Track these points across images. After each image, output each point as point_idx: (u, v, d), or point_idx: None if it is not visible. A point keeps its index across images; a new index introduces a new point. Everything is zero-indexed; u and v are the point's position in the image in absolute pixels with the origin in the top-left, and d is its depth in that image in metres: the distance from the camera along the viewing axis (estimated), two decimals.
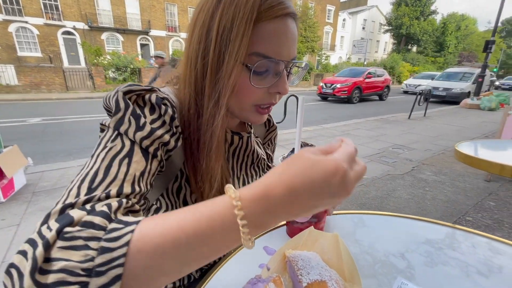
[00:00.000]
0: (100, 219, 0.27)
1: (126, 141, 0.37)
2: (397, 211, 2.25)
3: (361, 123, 6.02)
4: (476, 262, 0.45)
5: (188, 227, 0.27)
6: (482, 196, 2.54)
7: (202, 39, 0.43)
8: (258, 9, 0.40)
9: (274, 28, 0.41)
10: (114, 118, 0.38)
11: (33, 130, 5.03)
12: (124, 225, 0.27)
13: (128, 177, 0.35)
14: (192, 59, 0.45)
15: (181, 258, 0.27)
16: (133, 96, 0.40)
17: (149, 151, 0.39)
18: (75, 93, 11.39)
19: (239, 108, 0.47)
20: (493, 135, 5.05)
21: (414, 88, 15.20)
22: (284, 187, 0.27)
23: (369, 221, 0.60)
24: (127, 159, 0.36)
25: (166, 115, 0.41)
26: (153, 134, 0.39)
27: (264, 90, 0.46)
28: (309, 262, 0.40)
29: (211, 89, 0.43)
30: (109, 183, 0.33)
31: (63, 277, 0.23)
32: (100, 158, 0.35)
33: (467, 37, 40.19)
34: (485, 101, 8.73)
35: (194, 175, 0.47)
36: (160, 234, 0.26)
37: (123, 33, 20.42)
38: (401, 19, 33.32)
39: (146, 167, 0.38)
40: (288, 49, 0.44)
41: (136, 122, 0.38)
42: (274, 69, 0.44)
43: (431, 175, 3.05)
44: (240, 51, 0.40)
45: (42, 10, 17.55)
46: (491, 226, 2.07)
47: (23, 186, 2.43)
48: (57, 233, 0.25)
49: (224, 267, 0.46)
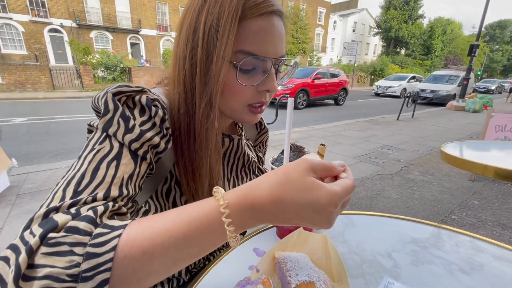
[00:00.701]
0: (85, 224, 0.26)
1: (115, 143, 0.36)
2: (386, 211, 2.29)
3: (351, 124, 6.11)
4: (459, 260, 0.47)
5: (176, 231, 0.27)
6: (466, 195, 2.62)
7: (190, 39, 0.43)
8: (243, 7, 0.40)
9: (259, 26, 0.41)
10: (103, 120, 0.37)
11: (18, 130, 4.87)
12: (110, 229, 0.27)
13: (116, 180, 0.34)
14: (181, 60, 0.44)
15: (170, 260, 0.28)
16: (122, 97, 0.39)
17: (138, 154, 0.38)
18: (62, 92, 11.09)
19: (230, 108, 0.47)
20: (477, 136, 5.22)
21: (385, 90, 14.82)
22: (272, 201, 0.28)
23: (358, 221, 0.61)
24: (115, 161, 0.35)
25: (156, 116, 0.41)
26: (143, 137, 0.38)
27: (253, 89, 0.45)
28: (298, 263, 0.40)
29: (202, 88, 0.43)
30: (96, 186, 0.32)
31: (48, 284, 0.23)
32: (88, 160, 0.34)
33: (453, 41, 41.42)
34: (470, 103, 9.01)
35: (186, 176, 0.46)
36: (148, 239, 0.27)
37: (112, 32, 20.06)
38: (390, 22, 34.04)
39: (135, 170, 0.37)
40: (275, 46, 0.44)
41: (125, 124, 0.37)
42: (262, 67, 0.44)
43: (418, 175, 3.12)
44: (226, 49, 0.40)
45: (28, 6, 17.04)
46: (475, 224, 2.13)
47: (6, 188, 2.34)
48: (41, 239, 0.25)
49: (214, 270, 0.46)
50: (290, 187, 0.29)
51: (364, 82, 24.81)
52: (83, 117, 6.22)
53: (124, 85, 0.40)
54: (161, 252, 0.27)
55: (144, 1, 20.80)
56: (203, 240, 0.28)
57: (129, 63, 13.23)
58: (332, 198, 0.28)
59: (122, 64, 12.75)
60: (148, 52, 21.79)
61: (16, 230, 1.35)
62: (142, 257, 0.26)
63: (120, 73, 12.77)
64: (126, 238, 0.26)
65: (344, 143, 4.44)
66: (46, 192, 2.33)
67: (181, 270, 0.54)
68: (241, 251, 0.51)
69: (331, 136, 4.94)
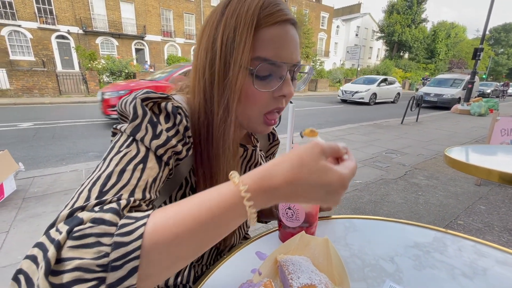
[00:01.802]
0: (110, 215, 0.27)
1: (141, 147, 0.37)
2: (391, 216, 2.27)
3: (354, 128, 6.09)
4: (461, 265, 0.47)
5: (202, 216, 0.29)
6: (473, 200, 2.59)
7: (209, 50, 0.45)
8: (258, 16, 0.42)
9: (274, 33, 0.43)
10: (131, 125, 0.38)
11: (25, 134, 4.94)
12: (135, 220, 0.28)
13: (141, 183, 0.35)
14: (200, 70, 0.46)
15: (196, 243, 0.29)
16: (149, 103, 0.40)
17: (163, 159, 0.39)
18: (68, 97, 11.26)
19: (248, 116, 0.48)
20: (483, 140, 5.16)
21: (351, 96, 12.44)
22: (287, 183, 0.31)
23: (360, 226, 0.61)
24: (142, 164, 0.36)
25: (181, 124, 0.42)
26: (168, 143, 0.39)
27: (269, 95, 0.46)
28: (299, 266, 0.40)
29: (220, 96, 0.45)
30: (121, 187, 0.33)
31: (79, 275, 0.23)
32: (114, 162, 0.35)
33: (457, 44, 41.28)
34: (475, 107, 8.93)
35: (204, 182, 0.48)
36: (175, 225, 0.28)
37: (118, 38, 20.39)
38: (393, 26, 34.09)
39: (159, 174, 0.38)
40: (290, 53, 0.45)
41: (153, 130, 0.38)
42: (278, 73, 0.46)
43: (423, 180, 3.09)
44: (243, 56, 0.42)
45: (36, 14, 17.44)
46: (482, 229, 2.10)
47: (13, 191, 2.38)
48: (67, 234, 0.25)
49: (216, 273, 0.46)
50: (305, 171, 0.31)
51: None
52: (88, 122, 6.30)
53: (151, 91, 0.41)
54: (187, 236, 0.28)
55: (149, 8, 21.15)
56: (226, 222, 0.30)
57: (134, 69, 13.40)
58: (343, 181, 0.31)
59: (127, 69, 12.92)
60: (152, 57, 22.07)
61: (22, 233, 1.36)
62: (170, 243, 0.27)
63: (125, 78, 12.94)
64: (152, 225, 0.27)
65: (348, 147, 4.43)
66: (51, 195, 2.36)
67: (190, 277, 0.55)
68: (243, 255, 0.52)
69: (334, 140, 4.91)
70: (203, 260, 0.57)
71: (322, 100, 14.35)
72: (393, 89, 13.91)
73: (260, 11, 0.42)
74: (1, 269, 1.49)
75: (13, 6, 16.66)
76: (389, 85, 13.66)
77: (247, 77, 0.44)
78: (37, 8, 17.40)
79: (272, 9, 0.43)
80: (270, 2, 0.43)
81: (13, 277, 0.24)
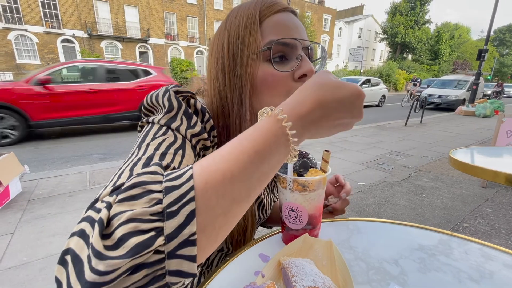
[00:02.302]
0: (155, 167, 0.26)
1: (178, 135, 0.37)
2: (395, 218, 2.25)
3: (358, 130, 6.06)
4: (468, 268, 0.46)
5: (249, 148, 0.28)
6: (478, 203, 2.56)
7: (219, 55, 0.47)
8: (260, 9, 0.45)
9: (278, 18, 0.45)
10: (167, 116, 0.38)
11: (30, 137, 5.00)
12: (179, 169, 0.26)
13: (182, 167, 0.31)
14: (213, 76, 0.48)
15: (248, 180, 0.27)
16: (180, 96, 0.41)
17: (196, 148, 0.40)
18: None
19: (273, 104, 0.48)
20: (488, 142, 5.11)
21: None
22: (318, 105, 0.31)
23: (364, 228, 0.61)
24: (181, 150, 0.35)
25: (208, 123, 0.43)
26: (202, 134, 0.40)
27: (290, 78, 0.45)
28: (303, 268, 0.40)
29: (233, 91, 0.46)
30: (165, 167, 0.29)
31: (133, 227, 0.21)
32: (153, 146, 0.34)
33: (461, 45, 41.00)
34: (480, 108, 8.85)
35: None
36: (224, 161, 0.26)
37: (122, 41, 20.60)
38: (396, 28, 33.98)
39: (194, 162, 0.36)
40: (299, 33, 0.46)
41: (188, 120, 0.39)
42: (293, 54, 0.46)
43: (428, 182, 3.06)
44: (251, 45, 0.44)
45: (42, 18, 17.71)
46: (488, 232, 2.07)
47: (18, 193, 2.41)
48: (116, 196, 0.23)
49: (220, 275, 0.46)
50: (328, 89, 0.32)
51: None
52: (92, 124, 6.35)
53: (179, 86, 0.42)
54: (239, 170, 0.26)
55: (153, 11, 21.37)
56: (270, 154, 0.29)
57: None
58: (357, 88, 0.33)
59: None
60: (156, 60, 22.26)
61: (27, 234, 1.37)
62: (223, 180, 0.25)
63: None
64: (200, 167, 0.26)
65: (351, 149, 4.41)
66: (56, 197, 2.38)
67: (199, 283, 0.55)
68: (246, 257, 0.51)
69: (338, 142, 4.91)
70: (213, 266, 0.58)
71: None
72: (377, 91, 12.49)
73: (261, 5, 0.45)
74: (6, 270, 1.50)
75: (19, 10, 16.95)
76: (372, 87, 12.34)
77: (263, 63, 0.45)
78: (43, 12, 17.68)
79: (271, 2, 0.46)
80: None
81: (59, 261, 0.21)
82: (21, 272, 1.49)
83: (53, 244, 1.73)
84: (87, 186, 2.64)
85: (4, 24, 16.58)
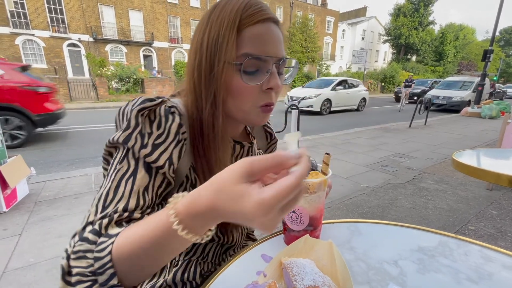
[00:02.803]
0: (92, 235, 0.36)
1: (132, 160, 0.43)
2: (399, 220, 2.24)
3: (362, 132, 6.04)
4: (467, 269, 0.47)
5: (146, 239, 0.33)
6: (484, 205, 2.53)
7: (197, 52, 0.49)
8: (240, 17, 0.46)
9: (257, 31, 0.46)
10: (123, 134, 0.43)
11: (37, 139, 5.08)
12: (108, 238, 0.36)
13: (133, 194, 0.41)
14: (190, 71, 0.50)
15: (150, 259, 0.35)
16: (145, 111, 0.45)
17: (152, 166, 0.43)
18: (79, 103, 11.54)
19: (242, 111, 0.51)
20: (494, 144, 5.05)
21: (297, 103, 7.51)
22: (210, 209, 0.30)
23: (365, 230, 0.62)
24: (132, 178, 0.42)
25: (173, 124, 0.46)
26: (156, 151, 0.44)
27: (258, 89, 0.49)
28: (303, 268, 0.41)
29: (207, 91, 0.48)
30: (118, 201, 0.40)
31: (79, 278, 0.34)
32: (111, 179, 0.42)
33: (466, 46, 40.63)
34: (486, 110, 8.75)
35: (203, 174, 0.51)
36: (129, 244, 0.34)
37: (126, 45, 20.84)
38: (400, 29, 33.83)
39: (150, 182, 0.43)
40: (274, 47, 0.48)
41: (141, 140, 0.43)
42: (264, 67, 0.48)
43: (432, 184, 3.04)
44: (227, 54, 0.45)
45: (49, 23, 18.02)
46: (494, 235, 2.05)
47: (25, 195, 2.45)
48: (72, 248, 0.36)
49: (223, 274, 0.48)
50: (222, 197, 0.29)
51: (374, 89, 24.56)
52: (98, 127, 6.44)
53: (147, 100, 0.45)
54: (140, 253, 0.34)
55: (157, 15, 21.60)
56: (166, 243, 0.33)
57: (142, 75, 13.65)
58: (259, 208, 0.27)
59: (135, 75, 13.18)
60: (160, 63, 22.46)
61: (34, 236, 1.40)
62: (129, 258, 0.34)
63: (133, 84, 13.19)
64: (116, 245, 0.35)
65: (355, 151, 4.39)
66: (62, 199, 2.42)
67: (196, 274, 0.57)
68: (249, 257, 0.53)
69: (341, 144, 4.90)
70: (208, 258, 0.59)
71: None
72: (356, 93, 10.85)
73: (242, 12, 0.46)
74: (14, 271, 1.53)
75: (27, 16, 17.27)
76: (349, 89, 10.62)
77: (236, 73, 0.47)
78: (49, 17, 17.99)
79: (253, 10, 0.47)
80: (251, 4, 0.47)
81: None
82: (28, 272, 1.52)
83: (59, 245, 1.76)
84: (93, 188, 2.67)
85: (12, 29, 16.90)
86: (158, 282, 0.55)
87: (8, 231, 1.90)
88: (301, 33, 25.05)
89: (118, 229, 0.37)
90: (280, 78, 0.51)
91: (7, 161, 2.27)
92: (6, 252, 1.68)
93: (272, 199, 0.27)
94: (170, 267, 0.57)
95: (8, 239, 1.80)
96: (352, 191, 2.83)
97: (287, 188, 0.27)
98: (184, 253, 0.57)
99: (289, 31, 26.09)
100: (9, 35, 16.99)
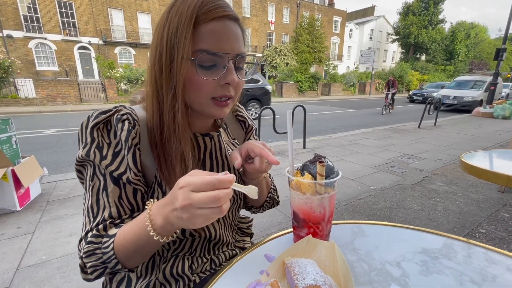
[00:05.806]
0: (95, 238, 0.48)
1: (100, 176, 0.50)
2: (407, 222, 2.21)
3: (369, 133, 5.97)
4: (470, 272, 0.47)
5: (129, 238, 0.45)
6: (496, 208, 2.47)
7: (158, 46, 0.50)
8: (197, 14, 0.47)
9: (212, 27, 0.48)
10: (84, 150, 0.49)
11: (49, 140, 5.22)
12: (109, 238, 0.47)
13: (111, 204, 0.50)
14: (151, 65, 0.52)
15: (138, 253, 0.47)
16: (101, 124, 0.49)
17: (114, 176, 0.49)
18: (89, 105, 11.79)
19: (197, 103, 0.52)
20: (507, 144, 4.91)
21: None
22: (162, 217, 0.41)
23: (368, 231, 0.62)
24: (105, 191, 0.50)
25: (123, 132, 0.49)
26: (116, 159, 0.49)
27: (215, 83, 0.50)
28: (305, 268, 0.42)
29: (167, 84, 0.50)
30: (103, 211, 0.49)
31: (94, 269, 0.48)
32: (90, 194, 0.50)
33: (478, 45, 39.65)
34: (499, 109, 8.53)
35: (161, 166, 0.52)
36: (122, 241, 0.46)
37: (135, 47, 21.18)
38: (409, 28, 33.31)
39: (121, 192, 0.50)
40: (230, 44, 0.49)
41: (100, 153, 0.49)
42: (221, 63, 0.50)
43: (442, 186, 2.99)
44: (185, 49, 0.47)
45: (60, 27, 18.48)
46: (506, 238, 2.00)
47: (38, 195, 2.52)
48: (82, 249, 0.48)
49: (226, 274, 0.49)
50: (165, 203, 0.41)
51: (382, 89, 24.24)
52: None
53: (101, 113, 0.50)
54: (132, 248, 0.45)
55: None
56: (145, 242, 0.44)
57: None
58: (179, 181, 0.39)
59: (143, 77, 13.37)
60: None
61: (46, 234, 1.45)
62: (125, 252, 0.46)
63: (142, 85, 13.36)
64: (115, 241, 0.46)
65: (362, 152, 4.35)
66: (73, 199, 2.48)
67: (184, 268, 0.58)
68: (252, 257, 0.54)
69: (348, 145, 4.85)
70: (196, 253, 0.61)
71: (335, 105, 14.18)
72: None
73: (199, 9, 0.47)
74: (27, 268, 1.58)
75: (40, 20, 17.77)
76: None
77: (192, 67, 0.48)
78: (61, 21, 18.46)
79: (210, 7, 0.48)
80: (208, 1, 0.48)
81: None
82: (40, 270, 1.57)
83: (70, 244, 1.81)
84: None
85: (25, 33, 17.42)
86: (151, 281, 0.56)
87: (22, 229, 1.96)
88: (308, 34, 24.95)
89: (115, 229, 0.48)
90: (239, 73, 0.53)
91: (20, 162, 2.34)
92: (20, 249, 1.74)
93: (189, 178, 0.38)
94: (159, 263, 0.58)
95: (22, 237, 1.86)
96: (359, 192, 2.80)
97: (207, 180, 0.37)
98: (172, 249, 0.58)
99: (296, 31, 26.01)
100: (23, 39, 17.51)
